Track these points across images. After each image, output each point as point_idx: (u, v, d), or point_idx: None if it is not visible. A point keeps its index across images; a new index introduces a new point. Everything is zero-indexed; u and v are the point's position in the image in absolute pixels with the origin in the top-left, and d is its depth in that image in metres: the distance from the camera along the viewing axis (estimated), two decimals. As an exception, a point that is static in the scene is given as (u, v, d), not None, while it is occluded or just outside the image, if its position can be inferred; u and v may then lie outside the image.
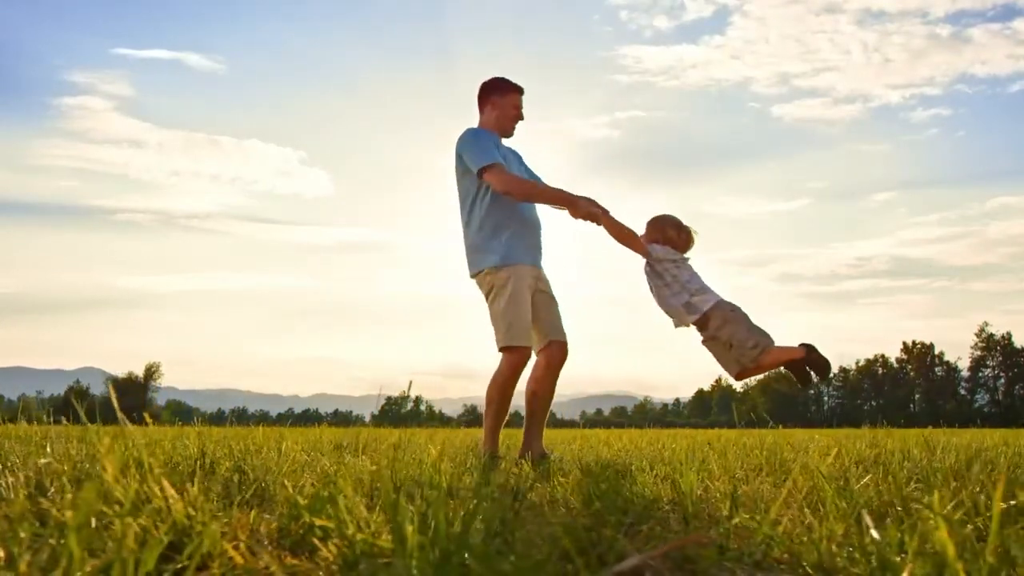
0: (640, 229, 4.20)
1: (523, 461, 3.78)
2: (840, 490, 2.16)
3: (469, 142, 4.12)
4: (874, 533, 1.00)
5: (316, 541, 1.12)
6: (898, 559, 0.97)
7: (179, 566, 1.07)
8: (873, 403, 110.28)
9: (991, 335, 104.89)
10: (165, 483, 1.23)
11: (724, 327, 3.92)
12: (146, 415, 1.64)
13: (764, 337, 3.90)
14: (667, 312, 4.04)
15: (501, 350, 4.03)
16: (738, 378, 3.98)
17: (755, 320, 4.06)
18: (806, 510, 2.04)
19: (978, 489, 2.53)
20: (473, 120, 4.40)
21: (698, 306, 3.96)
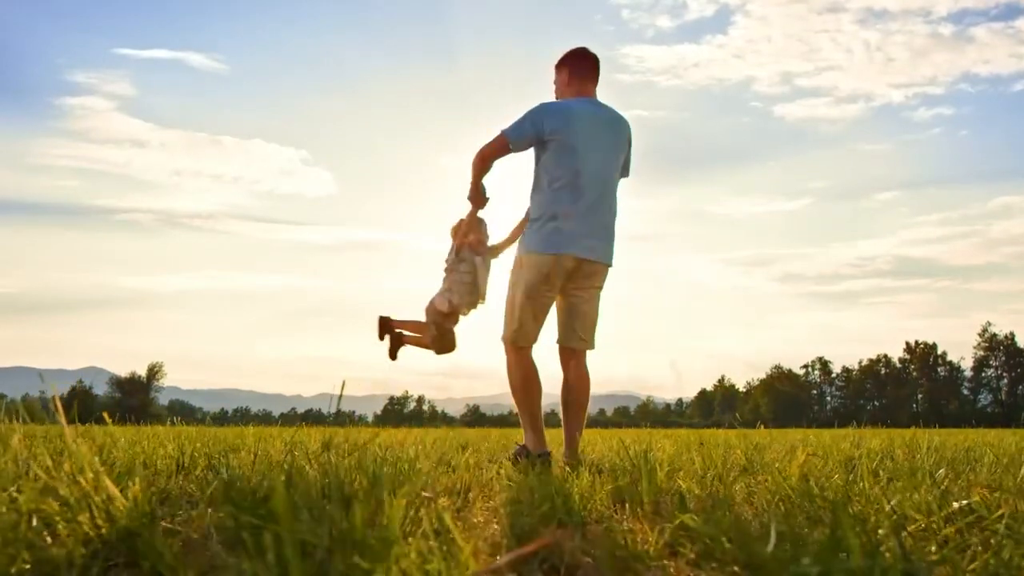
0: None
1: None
2: (804, 490, 2.18)
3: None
4: (772, 530, 1.02)
5: (248, 536, 1.14)
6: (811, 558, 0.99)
7: (111, 563, 1.09)
8: (876, 403, 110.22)
9: (994, 335, 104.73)
10: (107, 481, 1.25)
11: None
12: (104, 414, 1.65)
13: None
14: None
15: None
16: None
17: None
18: (767, 510, 2.06)
19: (944, 488, 2.55)
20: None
21: None
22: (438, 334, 4.58)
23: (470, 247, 4.49)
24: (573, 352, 3.91)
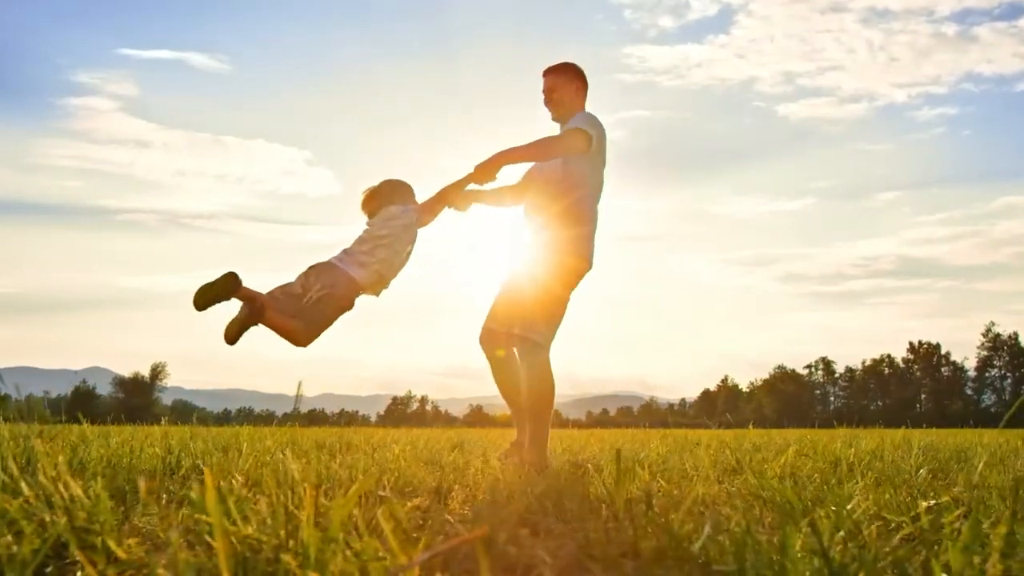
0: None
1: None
2: (777, 490, 2.20)
3: None
4: (707, 530, 1.04)
5: (206, 537, 1.15)
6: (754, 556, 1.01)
7: (68, 562, 1.11)
8: (879, 403, 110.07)
9: (998, 335, 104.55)
10: (69, 480, 1.26)
11: None
12: (79, 415, 1.67)
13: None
14: None
15: None
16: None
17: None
18: (741, 510, 2.07)
19: (921, 488, 2.56)
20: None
21: None
22: (321, 317, 3.34)
23: (417, 214, 3.75)
24: None
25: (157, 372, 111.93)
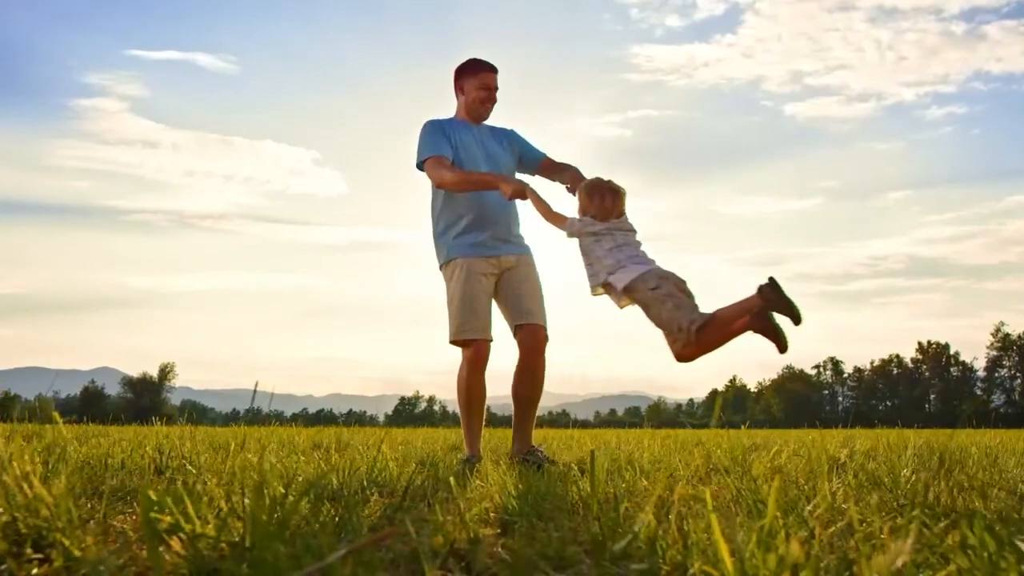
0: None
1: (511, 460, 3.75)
2: (751, 491, 2.21)
3: (420, 135, 4.03)
4: (647, 518, 1.05)
5: (164, 535, 1.17)
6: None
7: (26, 559, 1.13)
8: (888, 403, 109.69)
9: (1007, 335, 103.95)
10: (35, 480, 1.29)
11: (648, 310, 3.23)
12: (55, 415, 1.70)
13: (694, 313, 3.16)
14: (593, 292, 3.41)
15: (452, 343, 3.97)
16: (679, 360, 3.24)
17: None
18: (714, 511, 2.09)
19: (905, 489, 2.57)
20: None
21: (614, 284, 3.26)
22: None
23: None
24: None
25: (165, 372, 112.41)
